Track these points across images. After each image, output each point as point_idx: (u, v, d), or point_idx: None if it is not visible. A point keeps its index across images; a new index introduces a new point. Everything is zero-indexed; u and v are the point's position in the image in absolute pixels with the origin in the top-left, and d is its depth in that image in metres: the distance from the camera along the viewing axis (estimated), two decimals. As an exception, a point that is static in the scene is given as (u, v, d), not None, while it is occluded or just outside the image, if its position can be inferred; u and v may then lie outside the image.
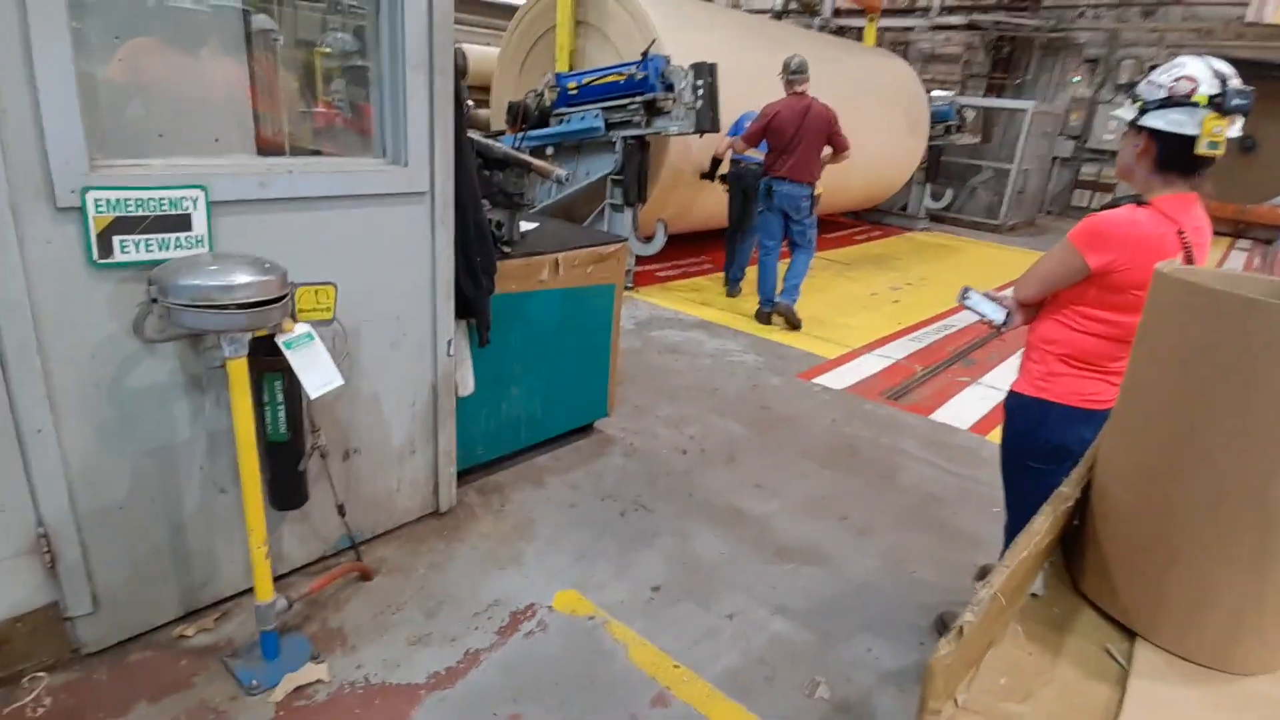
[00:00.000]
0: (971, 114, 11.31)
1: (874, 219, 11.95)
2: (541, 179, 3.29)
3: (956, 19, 13.92)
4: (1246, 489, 0.98)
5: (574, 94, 6.28)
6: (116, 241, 1.82)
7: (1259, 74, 7.63)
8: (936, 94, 11.19)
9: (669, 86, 5.70)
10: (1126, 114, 1.87)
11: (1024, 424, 2.12)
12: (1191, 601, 1.05)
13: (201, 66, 2.27)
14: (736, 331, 5.67)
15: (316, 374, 1.96)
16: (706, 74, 5.67)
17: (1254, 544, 0.99)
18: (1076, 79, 14.02)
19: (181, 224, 1.92)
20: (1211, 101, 1.72)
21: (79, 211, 1.75)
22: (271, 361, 1.95)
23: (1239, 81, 1.73)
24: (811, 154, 5.54)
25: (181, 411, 2.07)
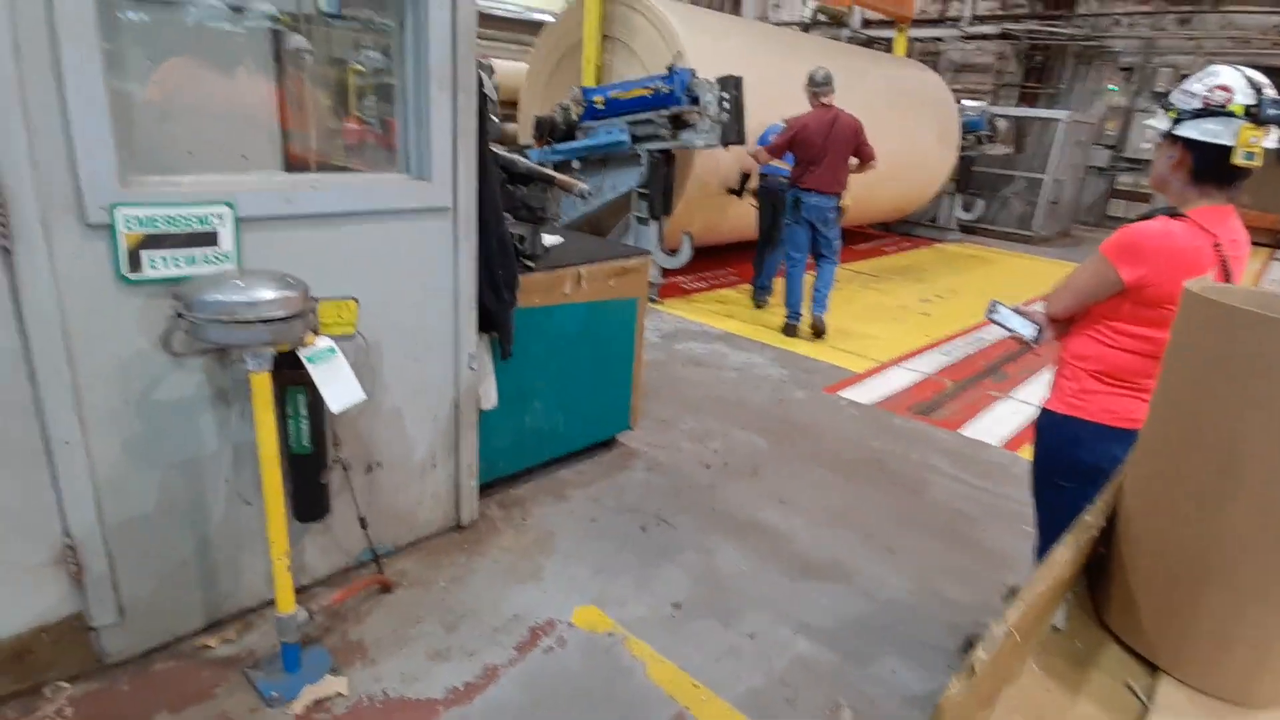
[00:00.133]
0: (1004, 124, 11.14)
1: (903, 230, 11.81)
2: (565, 193, 3.30)
3: (989, 28, 13.78)
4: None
5: (600, 108, 6.33)
6: (146, 257, 1.86)
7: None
8: (967, 104, 11.07)
9: (695, 100, 5.70)
10: (1160, 124, 1.83)
11: (1055, 442, 2.06)
12: (1219, 636, 1.00)
13: (232, 85, 2.32)
14: (762, 344, 5.64)
15: (338, 388, 1.97)
16: (732, 87, 5.67)
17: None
18: (1113, 87, 13.77)
19: (209, 240, 1.95)
20: (1247, 111, 1.67)
21: (108, 229, 1.79)
22: (294, 375, 1.96)
23: (1274, 91, 1.68)
24: (839, 164, 5.54)
25: (208, 424, 2.10)
